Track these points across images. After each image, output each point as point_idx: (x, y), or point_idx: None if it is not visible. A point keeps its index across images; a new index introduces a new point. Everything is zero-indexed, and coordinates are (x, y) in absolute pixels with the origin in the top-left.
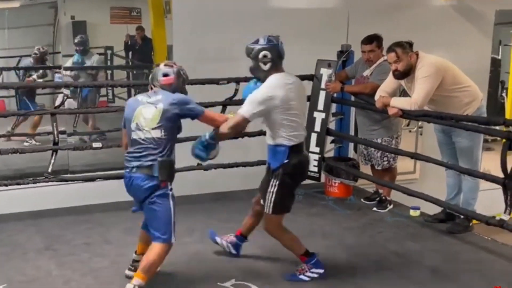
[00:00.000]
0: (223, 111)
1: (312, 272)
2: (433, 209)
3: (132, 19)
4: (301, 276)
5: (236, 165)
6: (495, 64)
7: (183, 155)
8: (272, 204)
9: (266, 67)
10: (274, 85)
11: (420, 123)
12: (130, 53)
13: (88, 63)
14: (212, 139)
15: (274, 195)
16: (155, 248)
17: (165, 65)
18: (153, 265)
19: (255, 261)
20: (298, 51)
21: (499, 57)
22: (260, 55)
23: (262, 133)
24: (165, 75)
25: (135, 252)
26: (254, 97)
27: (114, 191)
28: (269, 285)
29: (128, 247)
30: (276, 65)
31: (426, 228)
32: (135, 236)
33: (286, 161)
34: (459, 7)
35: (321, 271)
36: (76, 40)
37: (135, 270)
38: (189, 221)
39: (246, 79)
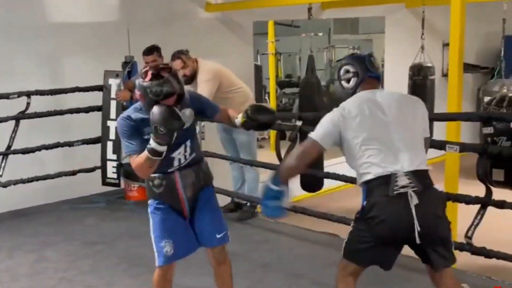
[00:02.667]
0: (16, 125)
1: None
2: (223, 201)
3: None
4: None
5: (37, 179)
6: (258, 71)
7: None
8: (344, 244)
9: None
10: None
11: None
12: None
13: None
14: (277, 183)
15: (347, 236)
16: None
17: None
18: None
19: None
20: (85, 63)
21: (260, 63)
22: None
23: (59, 145)
24: None
25: None
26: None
27: None
28: None
29: None
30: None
31: None
32: None
33: (364, 203)
34: (223, 19)
35: None
36: None
37: None
38: None
39: (38, 93)
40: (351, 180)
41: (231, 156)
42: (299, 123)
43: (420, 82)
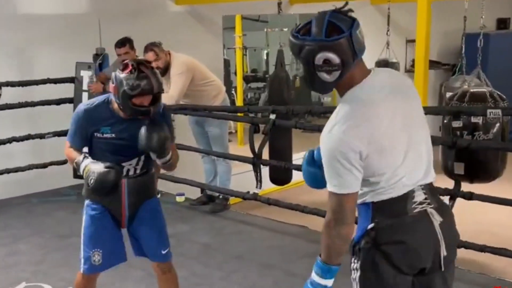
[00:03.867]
0: None
1: None
2: (195, 194)
3: None
4: None
5: (7, 171)
6: (226, 65)
7: None
8: None
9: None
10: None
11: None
12: None
13: None
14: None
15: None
16: None
17: None
18: None
19: None
20: (55, 55)
21: (228, 58)
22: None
23: (30, 137)
24: None
25: None
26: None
27: None
28: None
29: None
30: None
31: (192, 211)
32: None
33: (370, 226)
34: (192, 12)
35: None
36: None
37: None
38: None
39: (8, 84)
40: None
41: (203, 149)
42: (272, 116)
43: None
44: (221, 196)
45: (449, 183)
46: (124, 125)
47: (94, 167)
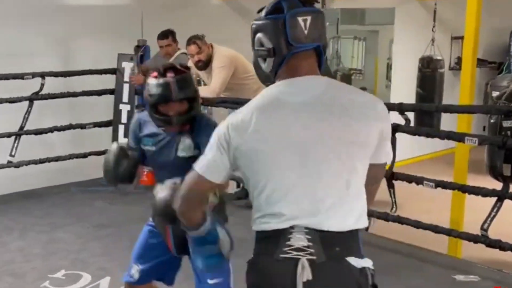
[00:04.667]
0: (30, 106)
1: None
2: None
3: None
4: None
5: (48, 160)
6: None
7: None
8: None
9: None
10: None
11: (210, 116)
12: None
13: None
14: None
15: None
16: None
17: None
18: None
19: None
20: (99, 46)
21: None
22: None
23: (71, 127)
24: None
25: None
26: None
27: None
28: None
29: None
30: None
31: (228, 205)
32: None
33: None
34: (235, 5)
35: None
36: None
37: None
38: (5, 221)
39: (52, 74)
40: None
41: None
42: None
43: (430, 75)
44: None
45: (495, 184)
46: (164, 137)
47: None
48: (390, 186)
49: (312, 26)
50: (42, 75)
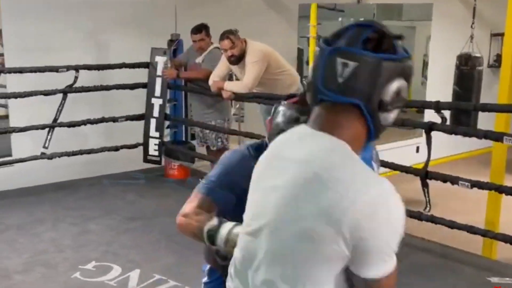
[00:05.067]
0: (64, 98)
1: None
2: None
3: None
4: None
5: (81, 152)
6: (299, 54)
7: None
8: None
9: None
10: None
11: (242, 112)
12: None
13: None
14: None
15: None
16: None
17: None
18: None
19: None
20: (132, 40)
21: (302, 47)
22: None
23: (103, 120)
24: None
25: None
26: None
27: None
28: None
29: None
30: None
31: None
32: None
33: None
34: (268, 0)
35: None
36: None
37: None
38: (37, 212)
39: (85, 67)
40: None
41: None
42: None
43: (468, 73)
44: None
45: None
46: None
47: None
48: (424, 185)
49: (353, 76)
50: (76, 68)
